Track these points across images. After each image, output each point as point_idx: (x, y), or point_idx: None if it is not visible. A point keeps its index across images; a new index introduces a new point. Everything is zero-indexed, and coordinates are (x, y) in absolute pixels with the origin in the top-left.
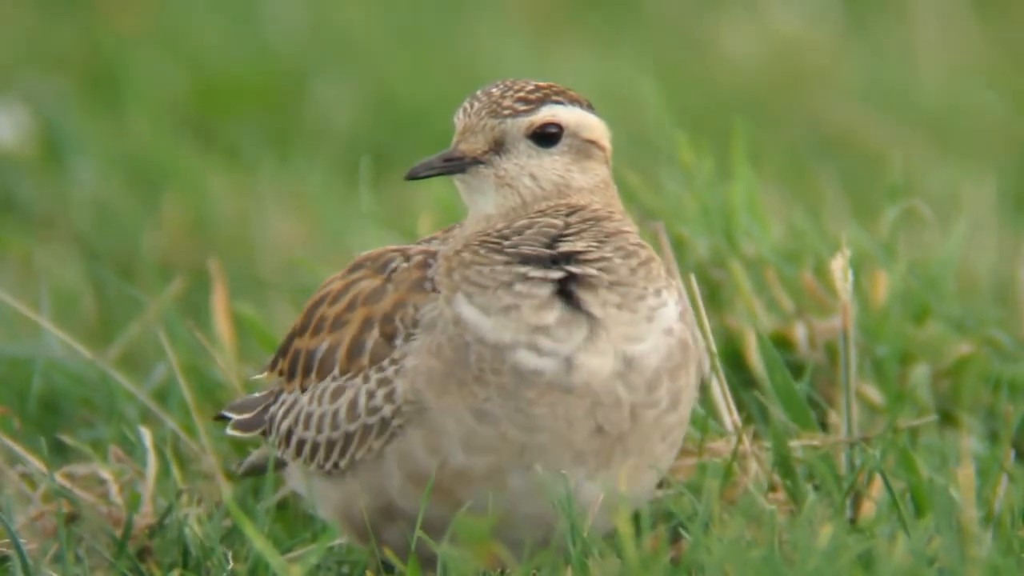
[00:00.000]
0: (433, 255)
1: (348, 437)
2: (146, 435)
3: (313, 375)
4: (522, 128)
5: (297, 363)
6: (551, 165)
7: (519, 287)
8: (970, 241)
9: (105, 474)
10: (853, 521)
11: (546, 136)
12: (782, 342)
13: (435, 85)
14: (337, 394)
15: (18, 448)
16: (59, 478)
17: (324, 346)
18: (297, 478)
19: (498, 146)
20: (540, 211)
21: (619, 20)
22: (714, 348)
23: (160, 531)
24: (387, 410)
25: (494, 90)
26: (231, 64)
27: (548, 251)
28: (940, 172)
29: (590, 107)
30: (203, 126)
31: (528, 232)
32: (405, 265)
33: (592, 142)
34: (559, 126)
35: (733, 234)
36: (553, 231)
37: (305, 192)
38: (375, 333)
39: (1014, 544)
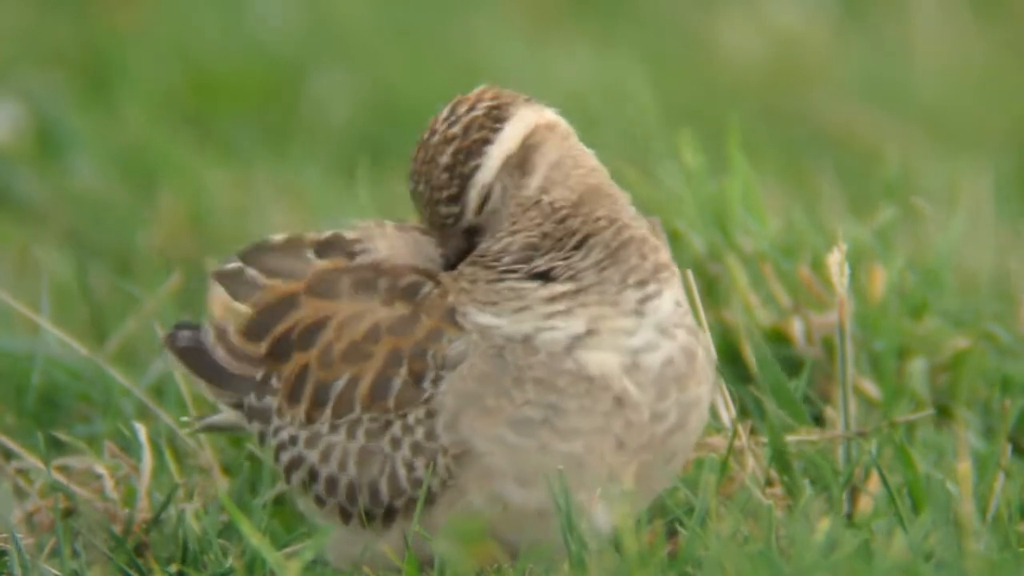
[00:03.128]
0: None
1: (391, 509)
2: (141, 430)
3: (328, 410)
4: None
5: (303, 387)
6: None
7: (522, 294)
8: (968, 236)
9: (100, 469)
10: (850, 516)
11: None
12: (779, 337)
13: (433, 80)
14: (364, 459)
15: (14, 444)
16: (54, 473)
17: (342, 382)
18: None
19: None
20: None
21: (616, 15)
22: (711, 344)
23: (157, 526)
24: (435, 483)
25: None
26: (228, 59)
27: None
28: (938, 167)
29: None
30: (200, 121)
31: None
32: (437, 291)
33: None
34: None
35: (730, 229)
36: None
37: (302, 187)
38: (403, 371)
39: (1011, 539)
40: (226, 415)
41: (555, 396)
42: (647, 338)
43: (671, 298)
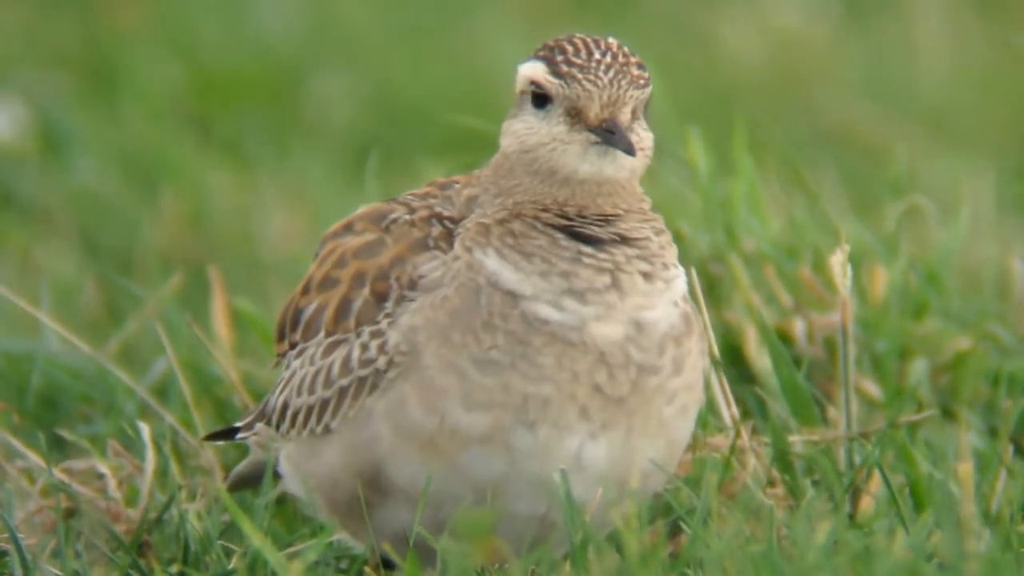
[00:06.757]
0: (440, 217)
1: (342, 392)
2: (145, 430)
3: (299, 332)
4: (647, 99)
5: (286, 322)
6: (650, 134)
7: (571, 264)
8: (969, 236)
9: (103, 469)
10: (852, 516)
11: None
12: (781, 337)
13: (434, 80)
14: (329, 350)
15: (17, 443)
16: (58, 473)
17: (312, 306)
18: (290, 477)
19: (634, 115)
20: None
21: (618, 15)
22: (715, 344)
23: (159, 526)
24: (381, 361)
25: (609, 58)
26: (230, 59)
27: (602, 229)
28: (939, 166)
29: None
30: (202, 121)
31: (587, 214)
32: (408, 218)
33: None
34: None
35: (733, 229)
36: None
37: (305, 187)
38: (365, 292)
39: (1013, 539)
40: (254, 454)
41: (529, 350)
42: (662, 311)
43: (683, 278)
